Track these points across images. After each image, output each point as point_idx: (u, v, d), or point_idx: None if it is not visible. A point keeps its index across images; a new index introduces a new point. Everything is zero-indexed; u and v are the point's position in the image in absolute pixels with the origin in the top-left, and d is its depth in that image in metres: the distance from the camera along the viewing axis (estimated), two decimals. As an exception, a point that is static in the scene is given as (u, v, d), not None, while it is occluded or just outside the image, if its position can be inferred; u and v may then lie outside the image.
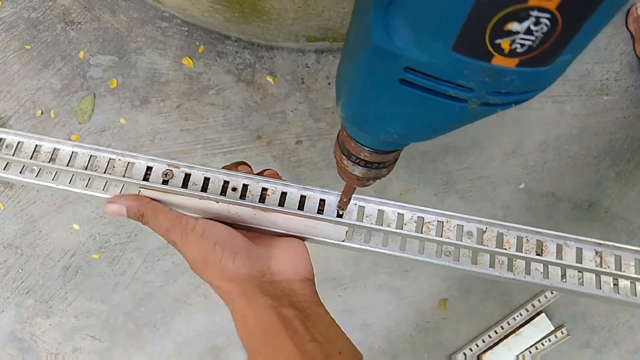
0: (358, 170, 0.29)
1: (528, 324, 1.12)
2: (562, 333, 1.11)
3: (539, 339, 1.11)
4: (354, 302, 1.14)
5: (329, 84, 1.20)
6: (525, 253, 0.39)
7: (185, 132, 1.20)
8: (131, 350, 1.15)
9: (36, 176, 0.41)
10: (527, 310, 1.12)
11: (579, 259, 0.39)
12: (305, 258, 0.38)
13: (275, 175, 0.41)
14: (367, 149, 0.27)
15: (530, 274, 0.39)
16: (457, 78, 0.18)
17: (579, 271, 0.40)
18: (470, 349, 1.12)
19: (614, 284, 0.40)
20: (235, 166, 0.41)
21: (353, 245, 0.39)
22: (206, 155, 1.19)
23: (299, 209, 0.39)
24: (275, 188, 0.40)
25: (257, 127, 1.20)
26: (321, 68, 1.21)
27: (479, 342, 1.12)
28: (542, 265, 0.39)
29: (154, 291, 1.16)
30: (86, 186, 0.41)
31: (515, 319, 1.12)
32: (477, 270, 0.39)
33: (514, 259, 0.39)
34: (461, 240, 0.39)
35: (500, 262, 0.39)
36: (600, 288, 0.39)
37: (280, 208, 0.38)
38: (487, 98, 0.18)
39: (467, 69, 0.17)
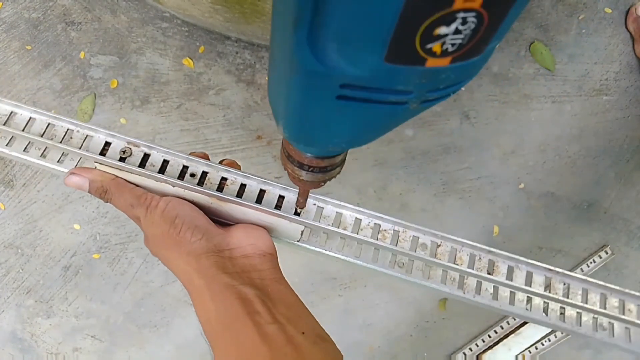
0: (309, 176, 0.29)
1: (528, 324, 1.12)
2: (562, 333, 1.11)
3: (538, 338, 1.11)
4: (354, 302, 1.14)
5: (329, 84, 1.20)
6: (477, 271, 0.39)
7: (186, 132, 1.20)
8: (131, 350, 1.15)
9: None
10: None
11: (529, 282, 0.39)
12: (265, 236, 0.37)
13: (234, 165, 0.40)
14: (314, 157, 0.27)
15: (480, 294, 0.39)
16: (395, 85, 0.18)
17: (527, 295, 0.39)
18: (470, 349, 1.12)
19: (561, 313, 0.40)
20: (202, 155, 0.41)
21: (308, 246, 0.39)
22: (206, 155, 1.19)
23: (256, 202, 0.38)
24: (235, 179, 0.39)
25: (257, 127, 1.20)
26: (321, 68, 1.21)
27: (479, 342, 1.12)
28: (492, 285, 0.39)
29: (154, 291, 1.16)
30: (41, 156, 0.39)
31: (514, 319, 1.13)
32: (427, 285, 0.39)
33: (465, 277, 0.39)
34: (415, 252, 0.39)
35: (452, 279, 0.39)
36: (547, 315, 0.39)
37: (237, 199, 0.37)
38: (427, 96, 0.19)
39: (402, 75, 0.17)
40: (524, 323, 1.12)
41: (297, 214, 0.38)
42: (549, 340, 1.11)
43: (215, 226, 0.36)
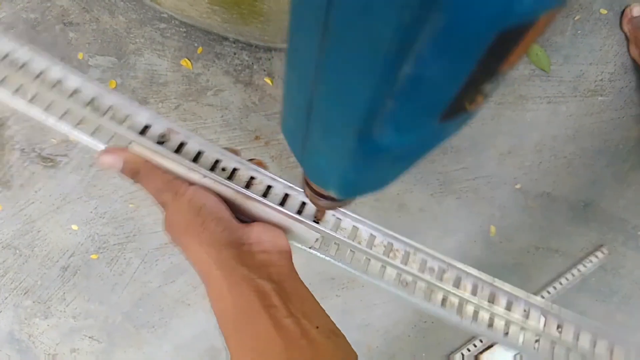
0: (328, 204, 0.29)
1: (525, 323, 1.13)
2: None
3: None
4: (352, 302, 1.14)
5: (327, 85, 1.21)
6: (479, 299, 0.40)
7: (184, 133, 1.20)
8: (129, 351, 1.15)
9: (30, 100, 0.39)
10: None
11: (526, 315, 0.41)
12: (283, 235, 0.37)
13: (262, 164, 0.41)
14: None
15: (476, 322, 0.41)
16: (443, 137, 0.19)
17: (521, 328, 0.41)
18: (468, 349, 1.12)
19: (552, 347, 0.42)
20: (234, 150, 0.41)
21: (318, 254, 0.40)
22: (204, 155, 1.19)
23: (280, 204, 0.39)
24: (262, 179, 0.40)
25: (255, 128, 1.20)
26: (319, 69, 1.21)
27: (477, 342, 1.13)
28: (488, 315, 0.41)
29: (153, 292, 1.16)
30: (76, 125, 0.39)
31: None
32: (428, 307, 0.40)
33: (464, 303, 0.41)
34: (422, 273, 0.40)
35: (451, 304, 0.41)
36: (537, 350, 0.41)
37: (262, 199, 0.38)
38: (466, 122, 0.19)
39: (450, 126, 0.18)
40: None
41: (316, 222, 0.39)
42: (546, 340, 1.11)
43: (237, 221, 0.36)
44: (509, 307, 0.41)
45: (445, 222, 1.17)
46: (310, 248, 0.40)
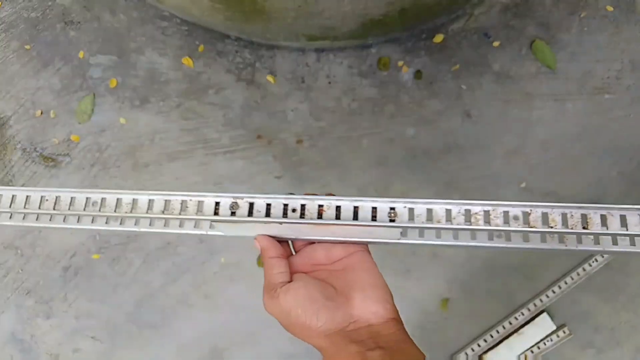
0: None
1: (530, 324, 1.11)
2: (564, 332, 1.11)
3: (540, 338, 1.11)
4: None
5: (329, 83, 1.20)
6: (571, 228, 0.41)
7: (185, 132, 1.19)
8: (132, 351, 1.15)
9: (120, 224, 0.47)
10: (529, 310, 1.12)
11: (624, 224, 0.41)
12: (385, 299, 0.40)
13: (331, 194, 0.46)
14: None
15: (581, 243, 0.42)
16: None
17: (628, 237, 0.42)
18: (472, 349, 1.11)
19: None
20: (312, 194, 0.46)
21: (409, 241, 0.44)
22: (206, 154, 1.18)
23: (353, 219, 0.42)
24: (329, 203, 0.44)
25: (258, 127, 1.19)
26: (321, 67, 1.20)
27: (481, 342, 1.12)
28: (590, 237, 0.42)
29: (155, 292, 1.15)
30: (164, 225, 0.46)
31: (517, 319, 1.12)
32: (528, 247, 0.42)
33: (564, 236, 0.42)
34: (509, 225, 0.41)
35: (551, 237, 0.42)
36: None
37: (337, 221, 0.42)
38: None
39: None
40: (526, 323, 1.12)
41: (392, 220, 0.42)
42: (551, 340, 1.10)
43: (333, 296, 0.40)
44: (604, 223, 0.41)
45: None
46: (398, 240, 0.43)
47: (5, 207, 0.47)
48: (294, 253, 0.46)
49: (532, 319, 1.12)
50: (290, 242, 0.46)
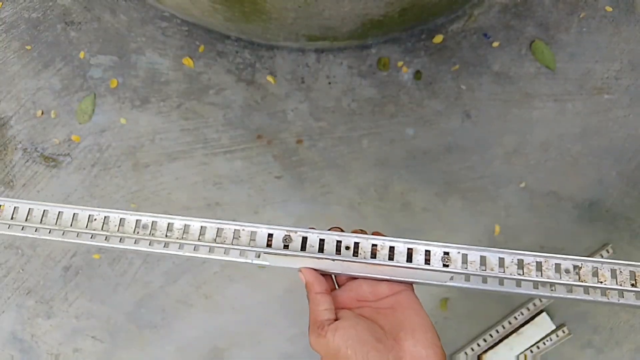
0: None
1: (529, 324, 1.12)
2: (564, 332, 1.11)
3: (540, 338, 1.11)
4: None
5: (329, 83, 1.20)
6: (620, 285, 0.42)
7: (186, 132, 1.19)
8: (132, 351, 1.15)
9: (164, 246, 0.47)
10: (528, 310, 1.12)
11: None
12: (435, 343, 0.40)
13: (380, 234, 0.45)
14: None
15: (623, 297, 0.43)
16: None
17: None
18: (472, 349, 1.11)
19: None
20: (357, 231, 0.46)
21: (456, 284, 0.44)
22: (206, 155, 1.18)
23: (407, 261, 0.43)
24: (383, 244, 0.44)
25: (258, 127, 1.19)
26: (321, 67, 1.20)
27: (480, 342, 1.12)
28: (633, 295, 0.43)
29: (155, 292, 1.15)
30: (209, 251, 0.47)
31: (516, 319, 1.12)
32: (571, 297, 0.43)
33: (608, 291, 0.43)
34: (560, 279, 0.42)
35: (594, 291, 0.43)
36: None
37: (391, 262, 0.42)
38: None
39: None
40: (525, 322, 1.12)
41: (445, 265, 0.43)
42: (551, 340, 1.10)
43: (382, 341, 0.39)
44: None
45: (450, 221, 1.16)
46: (445, 282, 0.44)
47: (7, 219, 0.47)
48: (337, 287, 0.46)
49: (532, 318, 1.12)
50: (334, 276, 0.46)
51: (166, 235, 0.46)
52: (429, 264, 0.43)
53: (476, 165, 1.17)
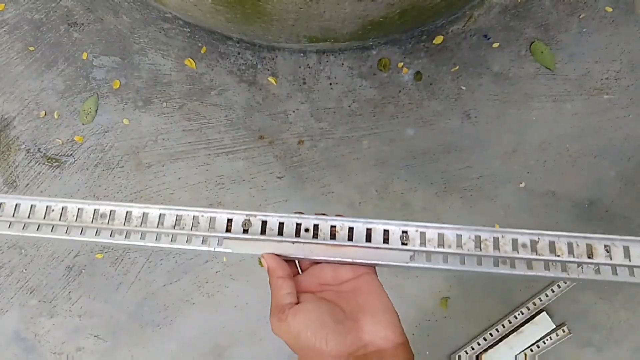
0: None
1: (529, 323, 1.12)
2: (564, 331, 1.11)
3: (539, 337, 1.11)
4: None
5: (330, 84, 1.21)
6: (577, 257, 0.42)
7: (188, 133, 1.20)
8: (134, 349, 1.16)
9: (125, 237, 0.46)
10: (528, 309, 1.13)
11: (627, 256, 0.42)
12: (394, 323, 0.40)
13: (342, 216, 0.45)
14: None
15: (583, 272, 0.42)
16: None
17: (629, 268, 0.42)
18: (472, 348, 1.12)
19: None
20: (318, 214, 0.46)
21: (417, 265, 0.43)
22: (209, 155, 1.19)
23: (366, 241, 0.42)
24: (342, 224, 0.44)
25: (259, 127, 1.20)
26: (322, 68, 1.21)
27: (480, 341, 1.12)
28: (592, 268, 0.43)
29: (157, 291, 1.16)
30: (171, 241, 0.46)
31: (516, 318, 1.13)
32: (532, 274, 0.42)
33: (566, 264, 0.43)
34: (517, 253, 0.42)
35: (554, 265, 0.43)
36: None
37: (349, 243, 0.42)
38: None
39: None
40: (525, 322, 1.13)
41: (404, 244, 0.42)
42: (550, 339, 1.11)
43: (343, 319, 0.39)
44: (608, 251, 0.42)
45: (449, 221, 1.16)
46: (407, 264, 0.43)
47: (9, 216, 0.46)
48: (300, 272, 0.46)
49: (531, 317, 1.13)
50: (297, 261, 0.46)
51: (124, 224, 0.45)
52: (387, 243, 0.42)
53: (475, 165, 1.18)
